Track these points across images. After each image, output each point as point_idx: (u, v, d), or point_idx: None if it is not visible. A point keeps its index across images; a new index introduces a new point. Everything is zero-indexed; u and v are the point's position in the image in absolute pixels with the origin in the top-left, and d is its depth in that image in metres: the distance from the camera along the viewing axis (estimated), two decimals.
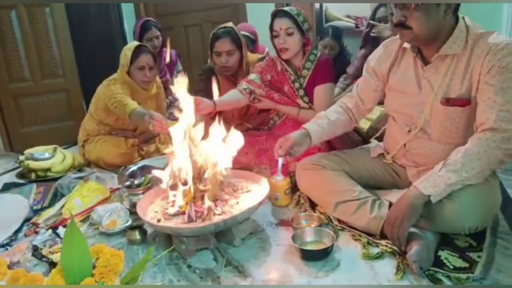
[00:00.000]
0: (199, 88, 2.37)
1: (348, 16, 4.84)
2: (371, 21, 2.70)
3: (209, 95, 1.99)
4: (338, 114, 1.65)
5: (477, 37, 1.31)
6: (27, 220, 1.80)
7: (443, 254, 1.29)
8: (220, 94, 2.27)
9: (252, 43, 3.02)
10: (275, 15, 2.04)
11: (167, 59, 2.59)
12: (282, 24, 1.99)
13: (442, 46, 1.33)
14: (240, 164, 2.04)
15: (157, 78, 2.70)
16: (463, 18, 1.35)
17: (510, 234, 1.40)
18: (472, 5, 1.35)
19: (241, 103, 2.15)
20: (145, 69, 2.36)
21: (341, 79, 2.88)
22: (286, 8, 2.03)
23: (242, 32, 2.63)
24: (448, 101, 1.35)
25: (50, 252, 1.48)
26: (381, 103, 2.18)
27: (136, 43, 2.43)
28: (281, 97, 2.12)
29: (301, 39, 2.03)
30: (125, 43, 3.67)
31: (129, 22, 3.91)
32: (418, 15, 1.27)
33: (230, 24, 2.32)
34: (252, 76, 2.15)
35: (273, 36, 2.04)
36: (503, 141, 1.22)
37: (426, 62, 1.40)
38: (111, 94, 2.30)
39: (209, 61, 2.45)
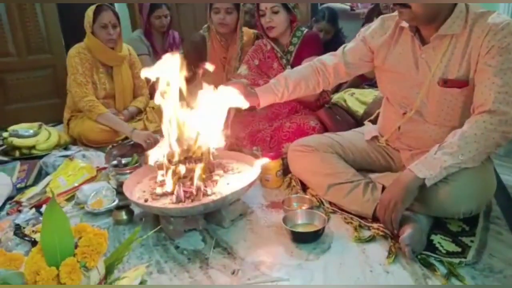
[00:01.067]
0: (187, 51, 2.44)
1: None
2: None
3: (195, 61, 2.13)
4: (303, 76, 1.56)
5: (477, 17, 1.26)
6: (10, 198, 1.74)
7: (436, 239, 1.28)
8: (210, 59, 2.37)
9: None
10: None
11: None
12: (268, 3, 1.98)
13: (441, 26, 1.28)
14: (232, 145, 2.01)
15: (133, 51, 2.67)
16: None
17: (502, 219, 1.39)
18: None
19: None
20: (108, 27, 2.36)
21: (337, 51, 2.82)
22: None
23: None
24: (445, 82, 1.31)
25: (33, 231, 1.44)
26: (376, 86, 2.15)
27: (97, 3, 2.39)
28: (266, 81, 2.09)
29: (287, 17, 2.05)
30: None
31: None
32: None
33: None
34: (240, 68, 2.21)
35: (259, 15, 2.05)
36: (501, 123, 1.19)
37: (424, 42, 1.36)
38: (72, 75, 2.36)
39: (204, 27, 2.45)
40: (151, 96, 2.67)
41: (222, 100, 1.44)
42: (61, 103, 2.92)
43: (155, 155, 1.50)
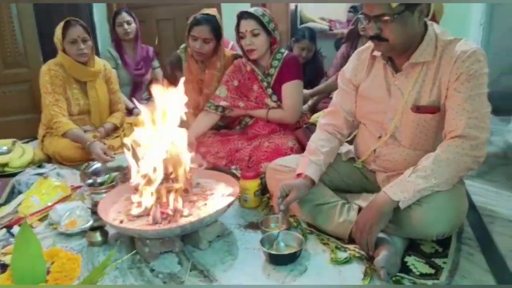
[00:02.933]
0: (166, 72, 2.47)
1: (322, 19, 4.88)
2: (359, 16, 2.70)
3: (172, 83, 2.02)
4: (328, 143, 1.56)
5: (446, 44, 1.32)
6: None
7: (410, 260, 1.29)
8: (185, 79, 2.26)
9: None
10: (240, 17, 2.05)
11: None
12: (248, 25, 2.00)
13: (412, 54, 1.33)
14: (210, 164, 2.01)
15: (106, 63, 2.66)
16: (431, 24, 1.36)
17: (474, 240, 1.42)
18: (442, 18, 1.35)
19: (214, 121, 2.22)
20: (78, 42, 2.33)
21: (322, 80, 2.89)
22: (251, 9, 2.04)
23: None
24: (418, 109, 1.35)
25: (2, 253, 1.40)
26: None
27: (66, 19, 2.38)
28: (247, 104, 2.14)
29: (267, 39, 2.06)
30: (94, 34, 3.55)
31: (99, 13, 3.79)
32: (394, 27, 1.26)
33: (213, 11, 2.30)
34: (218, 90, 2.19)
35: (240, 38, 2.06)
36: (472, 148, 1.23)
37: (396, 69, 1.40)
38: (43, 94, 2.37)
39: (181, 47, 2.41)
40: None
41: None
42: (37, 118, 2.85)
43: (132, 175, 1.49)
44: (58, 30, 2.34)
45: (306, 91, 2.60)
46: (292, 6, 4.44)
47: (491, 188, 1.79)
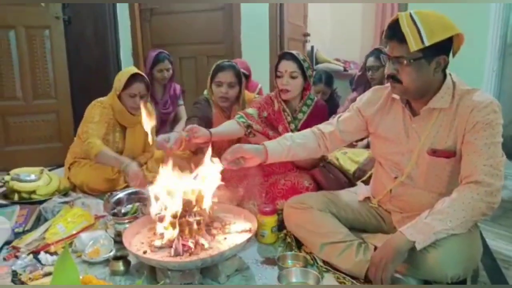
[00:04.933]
0: (193, 115, 2.40)
1: (337, 60, 5.04)
2: (368, 65, 2.82)
3: (203, 124, 2.09)
4: (306, 139, 1.65)
5: (463, 93, 1.39)
6: (7, 243, 1.75)
7: None
8: (213, 125, 2.33)
9: (246, 78, 3.11)
10: (282, 56, 2.12)
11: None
12: (288, 66, 2.07)
13: (430, 100, 1.40)
14: (228, 198, 2.06)
15: (151, 108, 2.73)
16: (450, 74, 1.43)
17: (489, 284, 1.44)
18: (456, 63, 1.43)
19: (236, 135, 2.13)
20: (136, 97, 2.39)
21: (330, 120, 2.96)
22: (294, 52, 2.11)
23: None
24: (434, 152, 1.41)
25: (30, 278, 1.45)
26: (367, 146, 2.25)
27: (133, 70, 2.45)
28: (275, 135, 2.16)
29: (302, 84, 2.12)
30: (119, 69, 3.72)
31: (125, 49, 3.98)
32: (410, 70, 1.34)
33: (231, 60, 2.42)
34: (250, 110, 2.16)
35: (277, 76, 2.11)
36: (487, 194, 1.27)
37: (414, 113, 1.47)
38: (87, 123, 2.36)
39: (205, 92, 2.50)
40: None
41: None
42: (62, 147, 2.99)
43: (156, 207, 1.55)
44: (122, 79, 2.36)
45: None
46: (308, 47, 4.62)
47: (505, 233, 1.80)
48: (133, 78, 2.38)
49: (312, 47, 4.83)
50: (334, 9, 5.33)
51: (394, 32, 1.34)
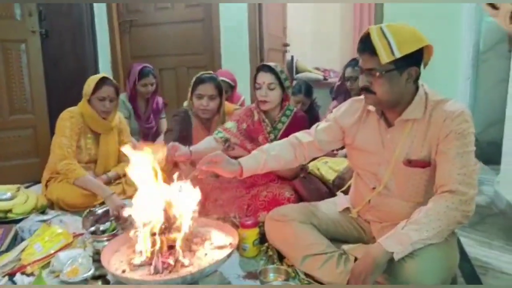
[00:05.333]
0: (171, 128, 2.44)
1: (317, 68, 5.10)
2: (346, 74, 2.86)
3: (182, 136, 2.13)
4: (282, 151, 1.64)
5: (435, 104, 1.42)
6: None
7: None
8: (193, 137, 2.36)
9: (231, 89, 3.14)
10: (260, 68, 2.16)
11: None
12: (266, 78, 2.11)
13: (404, 111, 1.43)
14: (209, 212, 2.05)
15: (123, 119, 2.75)
16: (422, 85, 1.47)
17: None
18: (432, 72, 1.47)
19: (217, 150, 2.07)
20: (106, 100, 2.43)
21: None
22: (271, 64, 2.15)
23: (222, 78, 2.77)
24: (410, 162, 1.43)
25: None
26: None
27: (102, 74, 2.49)
28: (254, 147, 2.18)
29: (281, 95, 2.15)
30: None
31: (104, 61, 3.96)
32: (382, 82, 1.37)
33: (211, 72, 2.45)
34: (229, 124, 2.20)
35: (256, 88, 2.15)
36: (461, 203, 1.30)
37: (389, 124, 1.50)
38: (59, 137, 2.38)
39: (185, 103, 2.51)
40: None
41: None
42: (39, 162, 2.94)
43: (134, 224, 1.53)
44: (91, 84, 2.41)
45: None
46: (288, 57, 4.67)
47: (482, 239, 1.83)
48: (102, 81, 2.43)
49: (292, 57, 4.88)
50: (313, 19, 5.40)
51: (365, 46, 1.37)
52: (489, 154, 2.81)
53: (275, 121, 2.20)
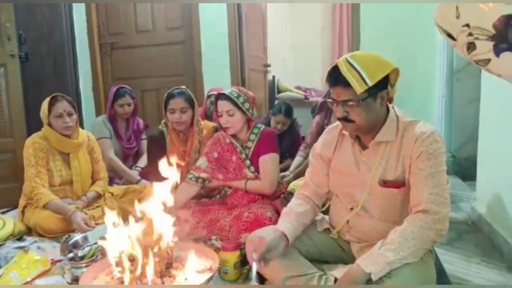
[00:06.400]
0: (152, 156, 2.52)
1: (298, 87, 5.18)
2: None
3: (156, 158, 2.12)
4: (302, 206, 1.65)
5: (406, 125, 1.47)
6: None
7: None
8: (169, 151, 2.47)
9: None
10: (217, 98, 2.24)
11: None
12: (224, 106, 2.19)
13: (377, 133, 1.47)
14: (190, 235, 2.04)
15: (90, 134, 2.75)
16: (392, 107, 1.52)
17: None
18: (408, 91, 1.53)
19: (195, 192, 2.29)
20: (64, 116, 2.44)
21: (301, 148, 3.05)
22: (226, 92, 2.22)
23: (214, 93, 2.98)
24: (385, 183, 1.46)
25: None
26: None
27: (53, 94, 2.53)
28: (225, 176, 2.24)
29: (242, 117, 2.22)
30: (79, 106, 3.68)
31: (85, 83, 3.96)
32: (360, 110, 1.41)
33: (183, 87, 2.55)
34: (199, 161, 2.30)
35: (218, 116, 2.23)
36: (434, 222, 1.33)
37: (363, 146, 1.54)
38: (26, 167, 2.42)
39: (162, 122, 2.55)
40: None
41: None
42: (18, 187, 2.85)
43: (113, 250, 1.52)
44: (45, 105, 2.45)
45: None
46: (269, 76, 4.73)
47: (460, 256, 1.87)
48: (54, 99, 2.46)
49: (274, 77, 4.95)
50: (293, 37, 5.52)
51: (336, 79, 1.41)
52: (466, 170, 2.88)
53: (245, 141, 2.27)
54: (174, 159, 1.65)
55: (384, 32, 3.28)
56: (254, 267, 1.49)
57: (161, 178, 1.65)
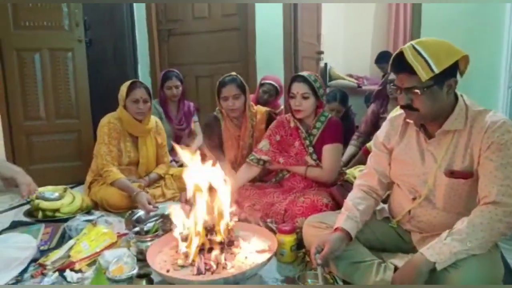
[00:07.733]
0: (207, 139, 2.67)
1: (350, 75, 5.08)
2: (390, 79, 2.80)
3: (212, 143, 2.46)
4: (365, 201, 1.62)
5: (476, 114, 1.41)
6: (33, 260, 1.80)
7: None
8: (225, 137, 2.56)
9: (276, 93, 3.32)
10: (294, 79, 2.22)
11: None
12: (300, 88, 2.16)
13: (444, 122, 1.42)
14: (247, 216, 2.10)
15: (160, 123, 2.87)
16: (461, 96, 1.46)
17: None
18: (470, 83, 1.45)
19: (256, 173, 2.35)
20: (139, 102, 2.57)
21: (354, 137, 3.01)
22: (304, 74, 2.20)
23: (269, 81, 3.19)
24: (452, 173, 1.42)
25: None
26: None
27: (132, 80, 2.67)
28: (287, 160, 2.25)
29: (315, 103, 2.20)
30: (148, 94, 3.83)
31: (144, 69, 4.10)
32: (424, 98, 1.37)
33: (233, 73, 2.59)
34: (261, 143, 2.34)
35: (290, 97, 2.20)
36: (505, 214, 1.28)
37: (429, 135, 1.50)
38: (99, 144, 2.56)
39: (216, 109, 2.62)
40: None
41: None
42: (83, 165, 3.07)
43: (179, 226, 1.59)
44: (124, 88, 2.58)
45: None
46: (322, 64, 4.68)
47: None
48: (133, 85, 2.59)
49: (326, 64, 4.89)
50: (346, 26, 5.41)
51: (401, 66, 1.38)
52: None
53: (310, 127, 2.25)
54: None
55: (446, 19, 3.14)
56: (319, 271, 1.47)
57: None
